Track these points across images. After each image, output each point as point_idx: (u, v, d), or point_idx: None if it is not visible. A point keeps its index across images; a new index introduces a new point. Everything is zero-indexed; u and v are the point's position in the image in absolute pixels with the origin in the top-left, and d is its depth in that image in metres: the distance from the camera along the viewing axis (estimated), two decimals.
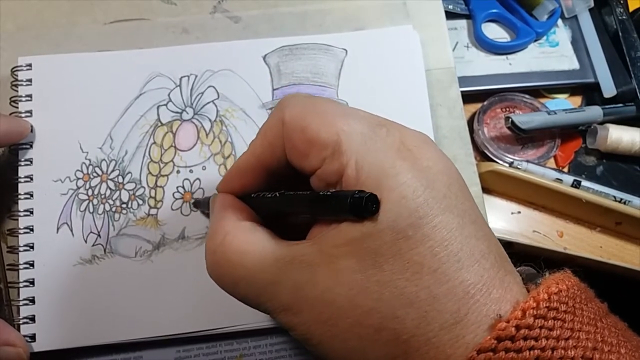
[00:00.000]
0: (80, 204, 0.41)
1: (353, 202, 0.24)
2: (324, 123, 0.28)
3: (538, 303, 0.24)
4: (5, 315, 0.40)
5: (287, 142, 0.29)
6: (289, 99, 0.30)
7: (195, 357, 0.41)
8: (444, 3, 0.50)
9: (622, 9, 0.55)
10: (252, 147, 0.32)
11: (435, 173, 0.26)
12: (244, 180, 0.33)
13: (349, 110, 0.29)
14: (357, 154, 0.26)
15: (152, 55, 0.45)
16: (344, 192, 0.26)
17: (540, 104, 0.53)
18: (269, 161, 0.31)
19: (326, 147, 0.27)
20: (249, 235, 0.29)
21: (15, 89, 0.43)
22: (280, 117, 0.29)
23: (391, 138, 0.27)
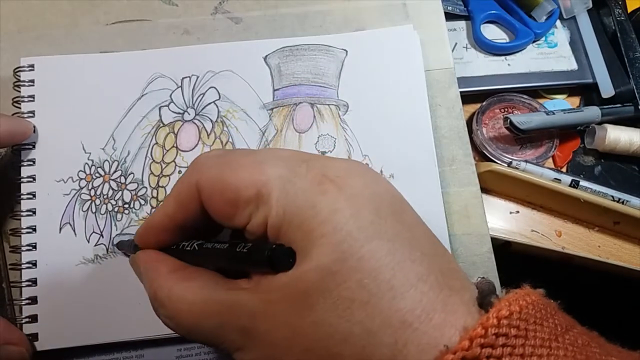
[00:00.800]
0: (82, 204, 0.41)
1: (269, 260, 0.25)
2: (240, 178, 0.27)
3: (486, 330, 0.23)
4: (8, 314, 0.40)
5: (209, 206, 0.29)
6: (202, 161, 0.30)
7: (197, 355, 0.42)
8: (442, 4, 0.51)
9: (621, 10, 0.56)
10: (164, 207, 0.32)
11: (361, 200, 0.26)
12: (160, 237, 0.33)
13: (265, 155, 0.29)
14: (276, 201, 0.26)
15: (153, 56, 0.45)
16: (260, 247, 0.26)
17: (539, 104, 0.53)
18: (183, 221, 0.31)
19: (249, 202, 0.27)
20: (185, 288, 0.29)
21: (17, 89, 0.43)
22: (194, 181, 0.29)
23: (311, 173, 0.27)
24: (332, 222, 0.25)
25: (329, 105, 0.44)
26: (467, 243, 0.42)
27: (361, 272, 0.24)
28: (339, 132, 0.44)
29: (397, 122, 0.44)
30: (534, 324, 0.24)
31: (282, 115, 0.44)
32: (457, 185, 0.44)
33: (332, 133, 0.44)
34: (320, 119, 0.44)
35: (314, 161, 0.28)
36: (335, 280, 0.24)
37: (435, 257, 0.27)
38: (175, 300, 0.29)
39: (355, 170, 0.28)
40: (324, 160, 0.28)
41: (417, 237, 0.27)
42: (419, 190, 0.42)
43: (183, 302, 0.29)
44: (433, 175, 0.43)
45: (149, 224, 0.33)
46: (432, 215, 0.41)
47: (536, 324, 0.24)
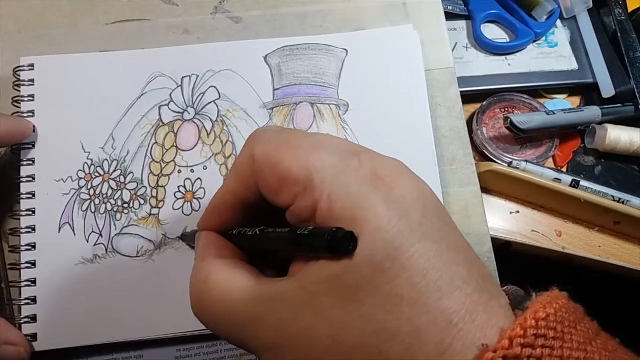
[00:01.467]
0: (82, 204, 0.41)
1: (330, 241, 0.24)
2: (294, 158, 0.27)
3: (525, 330, 0.23)
4: (7, 314, 0.40)
5: (259, 179, 0.29)
6: (260, 135, 0.30)
7: (196, 356, 0.42)
8: (443, 4, 0.50)
9: (621, 10, 0.56)
10: (226, 183, 0.32)
11: (409, 201, 0.26)
12: (223, 217, 0.32)
13: (320, 141, 0.29)
14: (329, 188, 0.26)
15: (153, 55, 0.45)
16: (321, 231, 0.26)
17: (539, 104, 0.53)
18: (245, 196, 0.31)
19: (297, 183, 0.27)
20: (230, 273, 0.29)
21: (17, 89, 0.43)
22: (250, 154, 0.29)
23: (364, 169, 0.27)
24: (385, 218, 0.25)
25: (329, 104, 0.44)
26: None
27: (411, 271, 0.24)
28: (339, 131, 0.44)
29: (397, 122, 0.44)
30: (569, 327, 0.25)
31: (283, 115, 0.44)
32: (457, 185, 0.44)
33: (332, 133, 0.44)
34: (321, 118, 0.44)
35: (365, 155, 0.28)
36: (386, 277, 0.24)
37: (475, 261, 0.27)
38: (215, 288, 0.29)
39: (403, 171, 0.28)
40: (375, 156, 0.28)
41: (459, 241, 0.27)
42: None
43: (219, 289, 0.28)
44: (433, 175, 0.42)
45: (212, 204, 0.33)
46: None
47: (571, 327, 0.25)
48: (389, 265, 0.24)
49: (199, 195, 0.42)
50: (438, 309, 0.24)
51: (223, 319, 0.28)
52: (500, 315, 0.25)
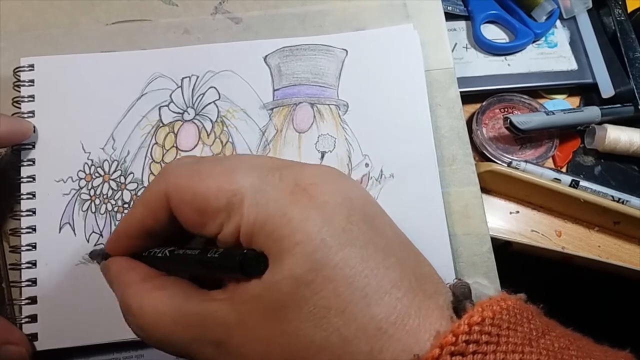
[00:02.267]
0: (82, 204, 0.41)
1: (241, 265, 0.24)
2: (210, 188, 0.27)
3: (457, 337, 0.23)
4: (7, 314, 0.40)
5: (179, 215, 0.29)
6: (172, 168, 0.30)
7: None
8: (442, 4, 0.51)
9: (621, 10, 0.56)
10: (132, 213, 0.31)
11: (332, 207, 0.26)
12: (130, 243, 0.33)
13: (235, 164, 0.29)
14: (248, 210, 0.26)
15: (153, 56, 0.45)
16: (230, 252, 0.26)
17: (539, 104, 0.53)
18: (152, 227, 0.31)
19: (219, 212, 0.27)
20: (157, 297, 0.29)
21: (17, 89, 0.43)
22: (163, 189, 0.29)
23: (284, 182, 0.27)
24: (304, 230, 0.25)
25: (329, 105, 0.44)
26: (467, 243, 0.42)
27: (336, 281, 0.24)
28: (339, 132, 0.44)
29: (397, 122, 0.44)
30: (507, 329, 0.24)
31: (282, 115, 0.44)
32: (457, 185, 0.44)
33: (332, 133, 0.44)
34: (320, 118, 0.44)
35: (287, 169, 0.28)
36: (310, 290, 0.24)
37: (409, 261, 0.27)
38: (146, 311, 0.29)
39: (328, 177, 0.28)
40: (297, 168, 0.28)
41: (390, 242, 0.27)
42: (419, 190, 0.42)
43: (154, 313, 0.28)
44: (433, 175, 0.43)
45: (118, 231, 0.33)
46: (432, 215, 0.41)
47: (509, 329, 0.24)
48: (312, 277, 0.24)
49: None
50: (366, 317, 0.24)
51: (164, 341, 0.28)
52: (435, 317, 0.25)
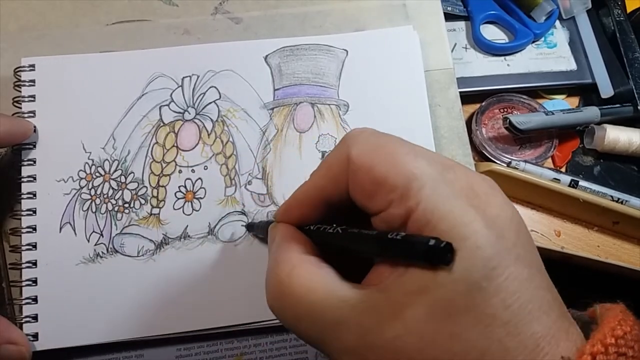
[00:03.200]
0: (83, 204, 0.41)
1: (429, 250, 0.23)
2: (392, 164, 0.27)
3: (606, 348, 0.24)
4: (8, 314, 0.40)
5: (352, 180, 0.28)
6: (357, 135, 0.29)
7: (196, 355, 0.42)
8: (442, 4, 0.51)
9: (620, 10, 0.56)
10: (314, 178, 0.31)
11: (504, 221, 0.26)
12: (303, 211, 0.32)
13: (418, 150, 0.28)
14: (427, 199, 0.25)
15: (154, 55, 0.45)
16: (417, 238, 0.25)
17: (538, 104, 0.53)
18: (330, 195, 0.30)
19: (394, 189, 0.26)
20: (315, 271, 0.28)
21: (18, 89, 0.43)
22: (346, 153, 0.28)
23: (460, 183, 0.26)
24: (484, 236, 0.24)
25: (330, 105, 0.45)
26: None
27: (505, 293, 0.24)
28: (339, 131, 0.44)
29: (397, 122, 0.44)
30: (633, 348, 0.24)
31: (283, 115, 0.44)
32: None
33: (332, 133, 0.44)
34: (321, 118, 0.44)
35: (459, 169, 0.27)
36: (481, 296, 0.24)
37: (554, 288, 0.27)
38: (296, 281, 0.28)
39: (496, 189, 0.28)
40: (468, 171, 0.28)
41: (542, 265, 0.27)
42: None
43: (304, 286, 0.28)
44: None
45: (294, 196, 0.32)
46: None
47: None
48: (485, 284, 0.24)
49: (200, 195, 0.42)
50: (527, 332, 0.24)
51: (304, 316, 0.28)
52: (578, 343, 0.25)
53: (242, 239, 0.42)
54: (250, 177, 0.43)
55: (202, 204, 0.42)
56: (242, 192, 0.42)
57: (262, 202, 0.42)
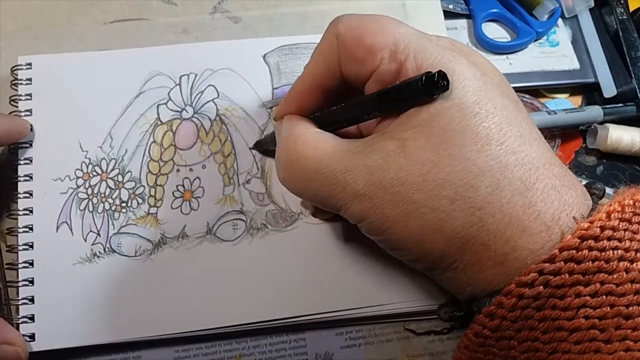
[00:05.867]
0: (80, 203, 0.41)
1: (426, 81, 0.26)
2: (379, 29, 0.29)
3: (623, 207, 0.25)
4: (4, 314, 0.40)
5: (343, 52, 0.30)
6: (341, 17, 0.32)
7: (195, 357, 0.41)
8: (444, 3, 0.50)
9: (623, 9, 0.55)
10: (308, 67, 0.33)
11: (486, 66, 0.29)
12: (302, 102, 0.34)
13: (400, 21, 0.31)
14: (414, 50, 0.28)
15: (152, 53, 0.45)
16: (412, 78, 0.27)
17: (541, 103, 0.53)
18: (325, 79, 0.32)
19: (383, 48, 0.29)
20: (321, 135, 0.31)
21: (15, 88, 0.43)
22: (334, 32, 0.31)
23: (443, 41, 0.30)
24: (470, 71, 0.27)
25: None
26: None
27: (497, 117, 0.27)
28: None
29: None
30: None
31: None
32: None
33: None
34: None
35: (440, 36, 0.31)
36: (475, 120, 0.26)
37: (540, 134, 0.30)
38: (307, 146, 0.30)
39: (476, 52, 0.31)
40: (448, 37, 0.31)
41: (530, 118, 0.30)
42: None
43: (314, 143, 0.30)
44: None
45: (293, 88, 0.34)
46: None
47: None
48: (477, 109, 0.26)
49: (198, 194, 0.42)
50: (522, 152, 0.26)
51: (315, 173, 0.30)
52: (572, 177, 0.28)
53: (241, 239, 0.41)
54: (248, 176, 0.42)
55: (200, 203, 0.42)
56: (241, 191, 0.42)
57: (260, 201, 0.42)
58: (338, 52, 0.31)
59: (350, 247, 0.41)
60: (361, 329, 0.42)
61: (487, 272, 0.27)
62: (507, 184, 0.26)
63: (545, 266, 0.25)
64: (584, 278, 0.24)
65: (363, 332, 0.42)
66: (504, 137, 0.26)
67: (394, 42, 0.28)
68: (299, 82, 0.34)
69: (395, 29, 0.29)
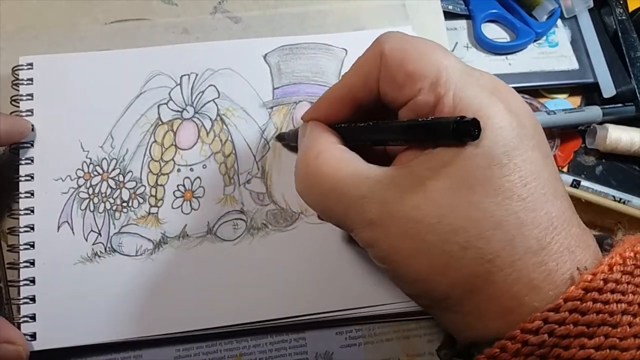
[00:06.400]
0: (80, 203, 0.41)
1: (457, 126, 0.25)
2: (424, 58, 0.29)
3: (624, 260, 0.25)
4: (6, 313, 0.40)
5: (384, 73, 0.30)
6: (388, 35, 0.31)
7: (195, 356, 0.41)
8: (443, 3, 0.50)
9: (622, 9, 0.55)
10: (345, 77, 0.33)
11: (524, 115, 0.28)
12: (332, 110, 0.33)
13: (446, 50, 0.30)
14: (455, 87, 0.27)
15: (152, 54, 0.45)
16: (445, 118, 0.27)
17: (540, 103, 0.53)
18: (361, 93, 0.32)
19: (425, 78, 0.28)
20: (343, 154, 0.31)
21: (16, 88, 0.43)
22: (379, 50, 0.30)
23: (484, 80, 0.29)
24: (507, 120, 0.26)
25: None
26: None
27: (524, 171, 0.26)
28: None
29: None
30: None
31: (282, 114, 0.44)
32: None
33: None
34: None
35: (483, 72, 0.30)
36: (501, 171, 0.26)
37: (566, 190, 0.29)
38: (328, 164, 0.30)
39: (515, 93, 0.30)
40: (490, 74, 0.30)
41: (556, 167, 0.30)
42: None
43: (331, 163, 0.30)
44: None
45: (325, 96, 0.34)
46: None
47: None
48: (506, 161, 0.26)
49: (198, 194, 0.42)
50: (543, 210, 0.26)
51: (331, 193, 0.30)
52: (589, 236, 0.27)
53: (241, 238, 0.41)
54: (249, 176, 0.43)
55: (201, 202, 0.42)
56: (241, 191, 0.42)
57: (261, 201, 0.42)
58: (379, 70, 0.30)
59: (350, 247, 0.41)
60: (361, 329, 0.42)
61: (488, 322, 0.27)
62: (521, 241, 0.25)
63: (550, 315, 0.24)
64: (589, 330, 0.24)
65: (363, 331, 0.42)
66: (527, 192, 0.26)
67: (436, 73, 0.28)
68: (333, 89, 0.33)
69: (440, 60, 0.28)
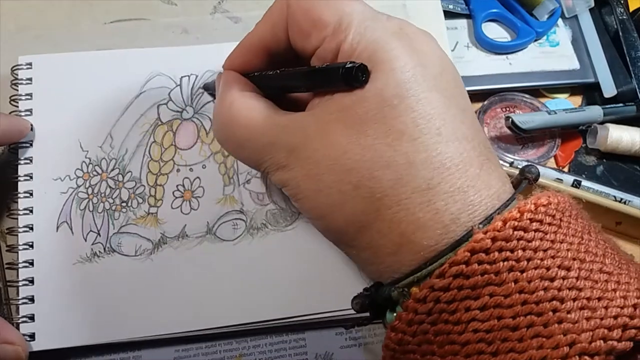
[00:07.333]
0: (80, 203, 0.41)
1: (344, 72, 0.26)
2: (328, 5, 0.29)
3: (522, 214, 0.25)
4: (4, 314, 0.40)
5: (291, 22, 0.31)
6: None
7: (195, 356, 0.41)
8: (444, 3, 0.50)
9: (623, 9, 0.55)
10: (255, 28, 0.34)
11: (430, 57, 0.28)
12: (247, 58, 0.35)
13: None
14: (354, 31, 0.28)
15: (152, 54, 0.45)
16: (336, 64, 0.28)
17: (541, 103, 0.53)
18: (270, 41, 0.33)
19: (327, 26, 0.29)
20: (253, 102, 0.32)
21: (15, 87, 0.43)
22: (285, 1, 0.31)
23: (391, 23, 0.29)
24: (401, 61, 0.27)
25: None
26: None
27: (417, 112, 0.27)
28: None
29: None
30: (569, 217, 0.26)
31: None
32: None
33: None
34: None
35: (395, 18, 0.30)
36: (392, 113, 0.27)
37: (480, 133, 0.29)
38: (240, 114, 0.32)
39: (430, 37, 0.30)
40: (403, 20, 0.30)
41: (468, 110, 0.29)
42: None
43: (243, 112, 0.32)
44: None
45: (239, 46, 0.35)
46: None
47: (570, 217, 0.26)
48: (397, 102, 0.27)
49: (198, 194, 0.42)
50: (434, 150, 0.26)
51: (245, 141, 0.32)
52: (494, 177, 0.27)
53: (241, 238, 0.41)
54: (248, 176, 0.42)
55: (201, 203, 0.42)
56: (241, 190, 0.42)
57: (260, 201, 0.42)
58: (286, 20, 0.31)
59: None
60: (361, 329, 0.42)
61: (384, 258, 0.28)
62: (409, 181, 0.26)
63: (435, 282, 0.25)
64: (474, 292, 0.24)
65: (363, 332, 0.42)
66: (418, 133, 0.26)
67: (337, 19, 0.29)
68: (246, 39, 0.35)
69: (343, 7, 0.29)
